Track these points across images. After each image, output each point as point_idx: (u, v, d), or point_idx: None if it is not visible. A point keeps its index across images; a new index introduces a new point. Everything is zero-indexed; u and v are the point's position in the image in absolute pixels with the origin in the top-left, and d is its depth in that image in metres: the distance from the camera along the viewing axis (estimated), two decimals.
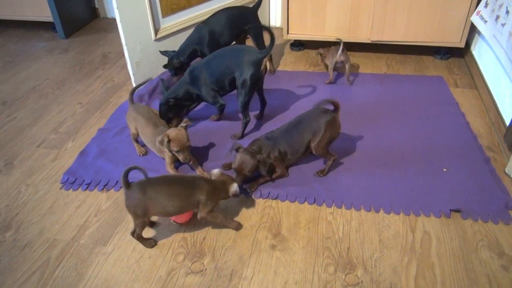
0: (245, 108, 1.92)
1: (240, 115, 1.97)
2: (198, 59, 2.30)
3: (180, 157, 1.72)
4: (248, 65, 1.84)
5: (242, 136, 2.00)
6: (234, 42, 2.39)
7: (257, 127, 2.08)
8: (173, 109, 1.98)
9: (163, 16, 2.44)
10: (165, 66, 2.26)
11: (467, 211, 1.56)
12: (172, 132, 1.70)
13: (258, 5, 2.38)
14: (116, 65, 2.81)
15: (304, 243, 1.48)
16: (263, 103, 2.10)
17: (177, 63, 2.24)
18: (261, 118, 2.14)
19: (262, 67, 1.87)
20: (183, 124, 1.74)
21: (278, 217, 1.58)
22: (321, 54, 2.52)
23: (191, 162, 1.76)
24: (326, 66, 2.55)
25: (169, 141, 1.69)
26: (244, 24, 2.32)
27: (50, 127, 2.18)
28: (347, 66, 2.40)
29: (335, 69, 2.45)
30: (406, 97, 2.27)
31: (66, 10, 3.21)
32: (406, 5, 2.45)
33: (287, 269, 1.39)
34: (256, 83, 1.88)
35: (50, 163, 1.92)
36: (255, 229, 1.54)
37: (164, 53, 2.30)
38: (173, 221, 1.56)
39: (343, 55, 2.37)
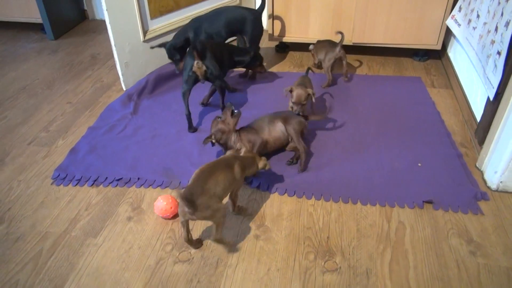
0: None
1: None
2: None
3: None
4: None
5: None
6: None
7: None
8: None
9: (152, 18, 2.51)
10: (171, 57, 2.32)
11: (439, 202, 1.66)
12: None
13: (262, 8, 2.51)
14: (105, 66, 2.87)
15: (286, 233, 1.56)
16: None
17: (180, 42, 2.30)
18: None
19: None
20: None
21: (262, 210, 1.67)
22: (312, 51, 2.51)
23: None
24: (319, 65, 2.53)
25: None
26: (241, 27, 2.44)
27: (40, 126, 2.23)
28: (344, 63, 2.43)
29: (328, 67, 2.40)
30: (385, 97, 2.38)
31: (55, 12, 3.26)
32: (385, 9, 2.56)
33: (269, 257, 1.47)
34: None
35: (41, 160, 1.97)
36: (240, 220, 1.62)
37: (160, 46, 2.30)
38: (162, 216, 1.62)
39: (342, 51, 2.37)
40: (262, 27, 2.53)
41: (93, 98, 2.48)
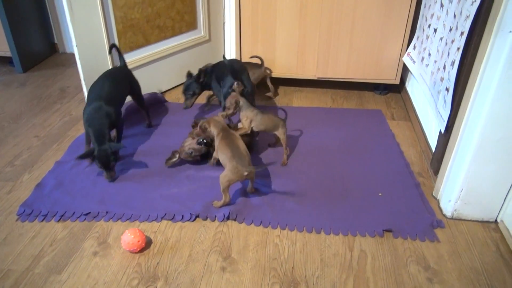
0: None
1: None
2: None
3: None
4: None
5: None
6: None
7: None
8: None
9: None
10: (108, 162, 1.97)
11: (398, 230, 1.74)
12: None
13: (122, 62, 2.38)
14: (74, 99, 2.88)
15: (252, 264, 1.59)
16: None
17: (108, 144, 1.97)
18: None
19: None
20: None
21: (228, 241, 1.69)
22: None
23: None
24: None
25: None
26: (131, 86, 2.32)
27: (5, 160, 2.21)
28: (269, 81, 2.84)
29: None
30: (348, 129, 2.49)
31: (24, 45, 3.27)
32: (346, 46, 2.72)
33: None
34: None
35: (5, 196, 1.94)
36: (207, 253, 1.64)
37: (86, 156, 1.99)
38: (128, 250, 1.63)
39: (267, 71, 2.83)
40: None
41: (61, 132, 2.48)
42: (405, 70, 2.80)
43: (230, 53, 3.39)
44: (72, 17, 2.22)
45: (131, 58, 2.64)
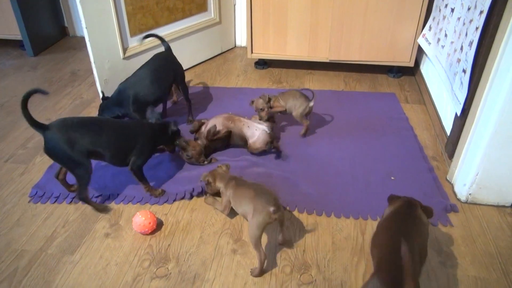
0: None
1: None
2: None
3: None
4: None
5: None
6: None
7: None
8: None
9: (131, 36, 2.55)
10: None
11: None
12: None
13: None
14: (85, 82, 2.88)
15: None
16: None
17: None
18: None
19: None
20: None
21: (239, 224, 1.69)
22: (262, 110, 2.18)
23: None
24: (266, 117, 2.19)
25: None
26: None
27: (18, 143, 2.22)
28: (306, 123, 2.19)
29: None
30: (361, 112, 2.45)
31: (35, 29, 3.26)
32: (359, 28, 2.66)
33: (246, 271, 1.49)
34: None
35: (18, 177, 1.96)
36: (217, 235, 1.64)
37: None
38: (140, 232, 1.63)
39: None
40: None
41: (73, 115, 2.48)
42: (419, 52, 2.73)
43: (241, 35, 3.36)
44: None
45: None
